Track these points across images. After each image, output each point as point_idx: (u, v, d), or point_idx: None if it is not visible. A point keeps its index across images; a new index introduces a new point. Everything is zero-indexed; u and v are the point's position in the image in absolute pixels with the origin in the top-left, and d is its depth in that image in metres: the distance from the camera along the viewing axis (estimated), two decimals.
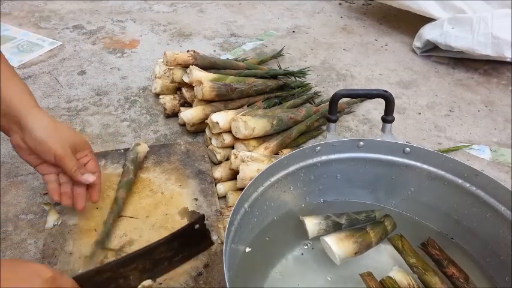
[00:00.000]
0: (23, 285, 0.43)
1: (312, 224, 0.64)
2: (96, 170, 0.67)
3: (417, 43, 1.35)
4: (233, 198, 0.75)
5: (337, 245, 0.60)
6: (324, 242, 0.62)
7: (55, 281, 0.45)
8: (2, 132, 0.85)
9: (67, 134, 0.64)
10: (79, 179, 0.64)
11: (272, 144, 0.82)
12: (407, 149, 0.66)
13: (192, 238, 0.61)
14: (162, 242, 0.57)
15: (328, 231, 0.64)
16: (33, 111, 0.61)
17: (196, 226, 0.59)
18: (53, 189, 0.65)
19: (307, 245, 0.66)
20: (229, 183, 0.79)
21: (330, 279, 0.61)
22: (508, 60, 1.16)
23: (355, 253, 0.61)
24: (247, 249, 0.62)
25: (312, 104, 1.04)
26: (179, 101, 0.97)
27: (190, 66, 0.91)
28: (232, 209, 0.54)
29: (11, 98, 0.61)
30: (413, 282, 0.56)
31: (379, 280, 0.57)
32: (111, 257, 0.63)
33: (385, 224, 0.66)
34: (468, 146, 0.96)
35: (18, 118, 0.60)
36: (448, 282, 0.59)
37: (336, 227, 0.65)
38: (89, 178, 0.65)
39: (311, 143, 0.83)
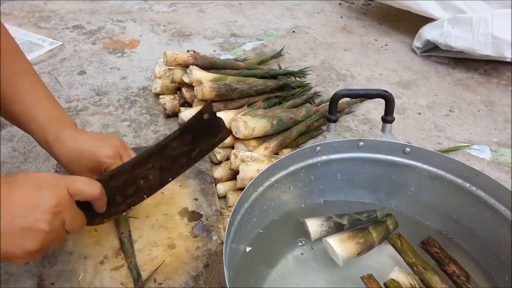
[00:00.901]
0: (29, 193, 0.44)
1: (314, 226, 0.64)
2: None
3: (417, 43, 1.35)
4: (233, 198, 0.75)
5: (340, 246, 0.60)
6: (326, 243, 0.62)
7: (61, 184, 0.47)
8: (1, 133, 0.85)
9: (87, 158, 0.61)
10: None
11: (272, 144, 0.82)
12: (407, 149, 0.66)
13: (205, 128, 0.55)
14: (172, 137, 0.53)
15: (330, 232, 0.64)
16: (58, 133, 0.62)
17: (206, 115, 0.54)
18: None
19: (302, 242, 0.66)
20: (229, 183, 0.79)
21: (329, 279, 0.61)
22: (508, 60, 1.16)
23: (358, 254, 0.61)
24: (248, 249, 0.62)
25: (312, 104, 1.04)
26: (179, 101, 0.97)
27: (190, 66, 0.91)
28: (232, 209, 0.54)
29: (40, 116, 0.62)
30: (415, 283, 0.56)
31: (381, 282, 0.57)
32: (111, 257, 0.63)
33: (387, 223, 0.66)
34: (468, 146, 0.96)
35: (45, 138, 0.63)
36: (449, 281, 0.58)
37: (337, 228, 0.65)
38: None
39: (311, 143, 0.83)
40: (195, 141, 0.55)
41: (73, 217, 0.49)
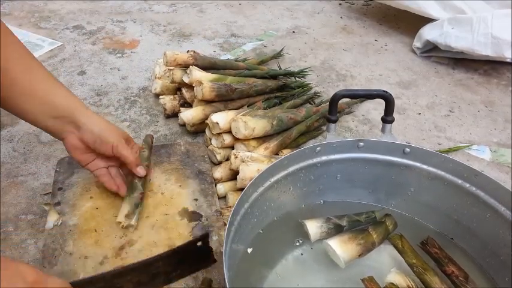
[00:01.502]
0: (3, 285, 0.42)
1: (314, 227, 0.64)
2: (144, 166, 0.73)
3: (417, 43, 1.35)
4: (233, 199, 0.75)
5: (341, 248, 0.60)
6: (327, 246, 0.62)
7: (39, 283, 0.44)
8: (2, 133, 0.85)
9: (117, 130, 0.70)
10: (135, 170, 0.70)
11: (272, 144, 0.82)
12: (407, 149, 0.66)
13: (193, 255, 0.59)
14: (161, 256, 0.56)
15: (330, 234, 0.64)
16: (85, 111, 0.67)
17: (199, 243, 0.57)
18: (108, 181, 0.71)
19: (299, 241, 0.66)
20: (229, 184, 0.79)
21: (329, 279, 0.61)
22: (508, 60, 1.16)
23: (359, 255, 0.61)
24: (250, 250, 0.62)
25: (312, 104, 1.04)
26: (179, 101, 0.97)
27: (190, 66, 0.91)
28: (232, 209, 0.54)
29: (62, 101, 0.65)
30: (413, 284, 0.56)
31: (380, 282, 0.57)
32: (111, 257, 0.64)
33: (387, 223, 0.66)
34: (468, 146, 0.96)
35: (73, 118, 0.65)
36: (448, 282, 0.58)
37: (337, 229, 0.65)
38: (141, 171, 0.70)
39: (311, 143, 0.83)
40: (180, 263, 0.58)
41: None
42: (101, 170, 0.71)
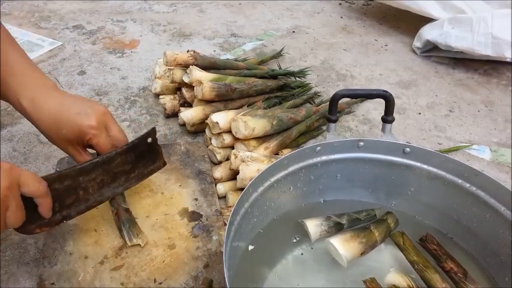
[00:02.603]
0: None
1: (314, 226, 0.64)
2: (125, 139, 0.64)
3: (417, 43, 1.35)
4: (233, 198, 0.75)
5: (343, 246, 0.60)
6: (329, 244, 0.61)
7: (14, 170, 0.46)
8: (2, 133, 0.85)
9: (69, 127, 0.59)
10: None
11: (272, 144, 0.82)
12: (407, 149, 0.66)
13: (146, 151, 0.62)
14: (119, 151, 0.59)
15: (330, 232, 0.64)
16: (31, 104, 0.58)
17: (149, 140, 0.60)
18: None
19: (296, 238, 0.66)
20: (229, 183, 0.79)
21: (330, 279, 0.61)
22: (508, 60, 1.16)
23: (361, 253, 0.61)
24: (251, 247, 0.62)
25: (312, 104, 1.04)
26: (179, 101, 0.97)
27: (190, 66, 0.91)
28: (232, 209, 0.54)
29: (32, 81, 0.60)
30: (412, 283, 0.56)
31: (380, 281, 0.57)
32: (111, 257, 0.64)
33: (388, 221, 0.66)
34: (468, 146, 0.96)
35: (27, 116, 0.60)
36: (449, 280, 0.58)
37: (337, 228, 0.65)
38: None
39: (311, 143, 0.83)
40: (136, 161, 0.61)
41: (16, 207, 0.47)
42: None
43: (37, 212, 0.51)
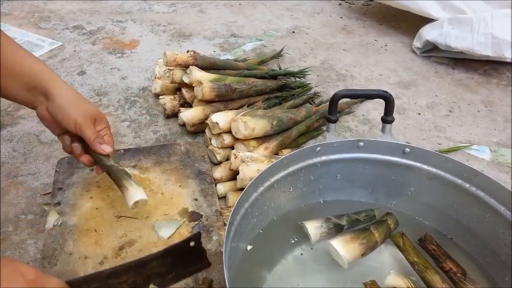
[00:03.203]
0: (3, 284, 0.42)
1: (314, 228, 0.64)
2: (111, 144, 0.69)
3: (417, 43, 1.35)
4: (233, 199, 0.75)
5: (344, 248, 0.60)
6: (329, 246, 0.61)
7: (38, 282, 0.45)
8: (2, 133, 0.85)
9: (88, 106, 0.67)
10: (97, 148, 0.66)
11: (272, 144, 0.82)
12: (407, 149, 0.66)
13: (187, 256, 0.56)
14: (155, 255, 0.55)
15: (330, 234, 0.64)
16: (58, 81, 0.66)
17: (192, 243, 0.55)
18: (78, 154, 0.68)
19: (294, 239, 0.66)
20: (229, 184, 0.79)
21: (329, 279, 0.61)
22: (508, 60, 1.16)
23: (362, 255, 0.61)
24: (249, 247, 0.62)
25: (312, 104, 1.04)
26: (179, 101, 0.97)
27: (190, 66, 0.91)
28: (232, 209, 0.54)
29: (36, 71, 0.64)
30: (412, 285, 0.56)
31: (381, 282, 0.57)
32: (111, 257, 0.64)
33: (388, 222, 0.66)
34: (468, 146, 0.96)
35: (45, 89, 0.64)
36: (449, 281, 0.58)
37: (337, 229, 0.65)
38: (106, 149, 0.67)
39: (311, 143, 0.83)
40: (174, 265, 0.56)
41: None
42: (74, 143, 0.68)
43: None
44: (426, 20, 1.32)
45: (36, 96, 0.65)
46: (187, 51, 0.96)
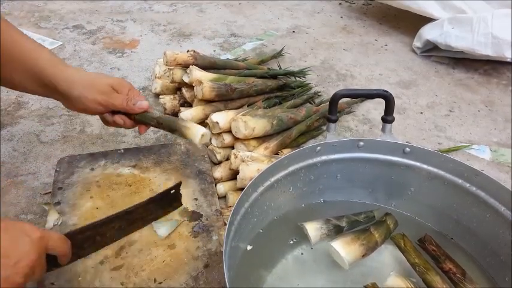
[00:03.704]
0: (12, 245, 0.44)
1: (314, 230, 0.64)
2: (144, 98, 0.69)
3: (417, 43, 1.35)
4: (233, 198, 0.75)
5: (345, 249, 0.60)
6: (330, 247, 0.61)
7: (43, 239, 0.47)
8: (2, 132, 0.85)
9: (100, 80, 0.66)
10: (134, 109, 0.67)
11: (272, 144, 0.82)
12: (407, 149, 0.66)
13: (167, 199, 0.65)
14: (141, 204, 0.61)
15: (330, 235, 0.64)
16: (61, 72, 0.64)
17: (172, 191, 0.64)
18: (123, 124, 0.69)
19: (294, 240, 0.66)
20: (229, 183, 0.79)
21: (329, 279, 0.61)
22: (508, 60, 1.16)
23: (363, 255, 0.61)
24: (249, 247, 0.62)
25: (312, 104, 1.04)
26: (179, 101, 0.97)
27: (190, 66, 0.91)
28: (232, 209, 0.54)
29: (46, 70, 0.63)
30: (413, 287, 0.56)
31: (382, 282, 0.57)
32: (111, 257, 0.64)
33: (388, 223, 0.66)
34: (468, 146, 0.96)
35: (54, 86, 0.63)
36: (449, 281, 0.58)
37: (337, 230, 0.65)
38: (143, 105, 0.68)
39: (311, 143, 0.83)
40: (155, 209, 0.63)
41: (41, 270, 0.49)
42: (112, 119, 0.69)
43: (55, 258, 0.52)
44: (426, 20, 1.32)
45: (52, 94, 0.66)
46: (188, 51, 0.96)
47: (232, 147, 0.84)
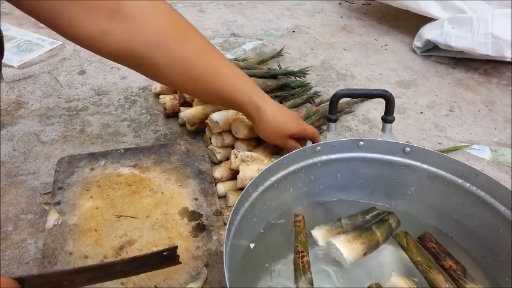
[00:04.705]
0: None
1: (319, 234, 0.64)
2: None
3: (417, 43, 1.35)
4: (233, 198, 0.75)
5: (346, 247, 0.60)
6: (331, 245, 0.61)
7: None
8: (2, 132, 0.85)
9: (289, 126, 0.72)
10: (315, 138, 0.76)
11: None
12: (408, 148, 0.66)
13: (156, 260, 0.54)
14: (120, 262, 0.53)
15: (333, 234, 0.64)
16: (263, 108, 0.70)
17: (165, 253, 0.53)
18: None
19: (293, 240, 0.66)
20: (229, 183, 0.79)
21: (331, 278, 0.61)
22: (508, 60, 1.16)
23: (364, 254, 0.61)
24: (252, 245, 0.62)
25: (312, 103, 1.04)
26: (179, 100, 0.97)
27: None
28: (233, 209, 0.54)
29: (244, 96, 0.69)
30: (415, 287, 0.56)
31: (383, 282, 0.57)
32: (111, 257, 0.64)
33: (390, 221, 0.65)
34: (468, 145, 0.96)
35: (251, 116, 0.71)
36: (451, 279, 0.58)
37: (340, 229, 0.65)
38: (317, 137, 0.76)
39: (311, 143, 0.83)
40: (140, 265, 0.54)
41: None
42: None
43: None
44: (426, 20, 1.32)
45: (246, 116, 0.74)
46: None
47: (232, 147, 0.84)
